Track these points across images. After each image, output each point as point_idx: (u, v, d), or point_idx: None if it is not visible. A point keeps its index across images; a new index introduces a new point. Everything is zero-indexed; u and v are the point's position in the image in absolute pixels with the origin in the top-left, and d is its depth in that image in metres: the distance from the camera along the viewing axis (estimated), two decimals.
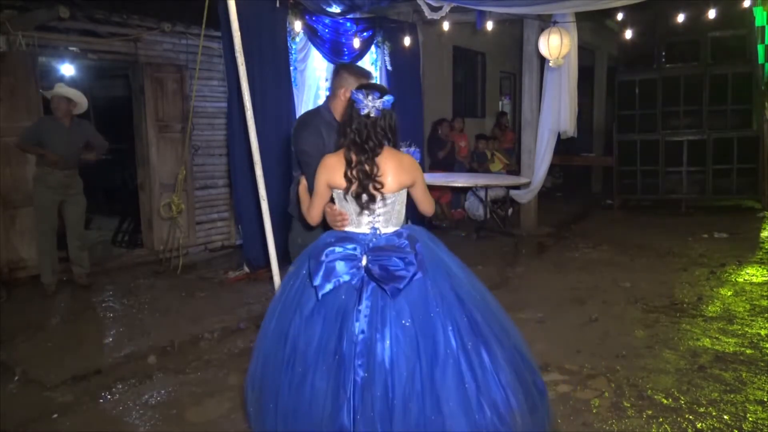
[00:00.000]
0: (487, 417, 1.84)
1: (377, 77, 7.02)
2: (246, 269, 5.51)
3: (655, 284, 5.04)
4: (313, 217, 2.27)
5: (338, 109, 2.68)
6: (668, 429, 2.77)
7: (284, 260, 2.95)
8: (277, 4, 5.45)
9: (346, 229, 2.16)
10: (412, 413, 1.80)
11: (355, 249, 2.03)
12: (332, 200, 2.24)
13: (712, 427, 2.78)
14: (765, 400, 3.00)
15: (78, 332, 4.25)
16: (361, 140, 2.08)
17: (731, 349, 3.65)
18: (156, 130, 6.02)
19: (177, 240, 5.87)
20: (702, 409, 2.93)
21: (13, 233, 5.11)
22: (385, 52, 6.93)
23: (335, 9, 6.30)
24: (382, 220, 2.14)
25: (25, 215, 5.16)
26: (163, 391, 3.30)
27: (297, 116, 5.86)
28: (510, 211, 7.91)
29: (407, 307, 1.93)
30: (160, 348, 3.88)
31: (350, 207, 2.15)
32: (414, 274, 1.94)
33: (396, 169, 2.12)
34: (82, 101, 5.04)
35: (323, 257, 1.99)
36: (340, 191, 2.14)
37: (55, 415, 3.06)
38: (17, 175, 5.13)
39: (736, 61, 8.31)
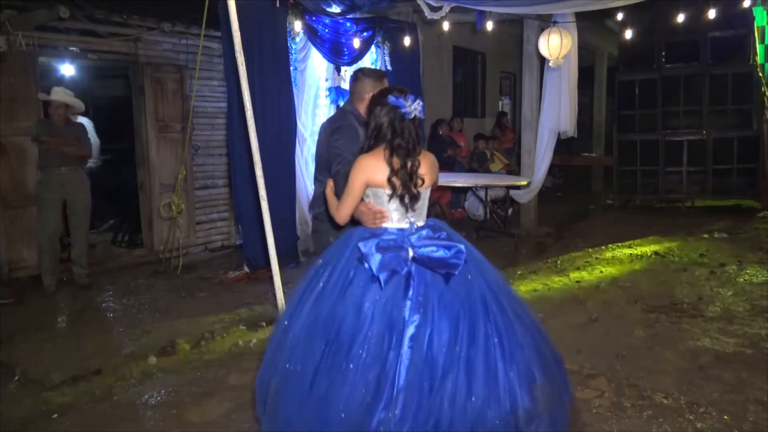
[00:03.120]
0: (512, 389, 1.96)
1: None
2: (246, 269, 5.50)
3: (655, 284, 5.04)
4: (343, 216, 2.34)
5: (365, 112, 2.80)
6: (668, 429, 2.77)
7: (284, 260, 2.97)
8: (277, 4, 5.45)
9: (384, 225, 2.23)
10: (447, 389, 1.90)
11: (400, 242, 2.13)
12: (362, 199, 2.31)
13: (712, 427, 2.78)
14: (765, 400, 3.00)
15: (78, 332, 4.25)
16: (407, 144, 2.20)
17: (731, 349, 3.65)
18: (156, 130, 6.02)
19: (177, 240, 5.87)
20: (702, 409, 2.93)
21: (13, 233, 5.10)
22: (385, 52, 6.93)
23: (335, 9, 6.30)
24: (416, 215, 2.25)
25: (25, 215, 5.16)
26: (163, 391, 3.30)
27: (297, 116, 5.87)
28: (510, 211, 7.91)
29: (451, 294, 2.04)
30: (160, 348, 3.88)
31: (390, 204, 2.23)
32: (464, 261, 2.06)
33: (428, 167, 2.29)
34: (79, 105, 5.11)
35: (374, 248, 2.05)
36: (380, 190, 2.22)
37: (55, 415, 3.06)
38: (17, 176, 5.13)
39: (736, 61, 8.31)
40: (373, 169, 2.22)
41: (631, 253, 6.17)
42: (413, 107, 2.21)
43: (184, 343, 3.97)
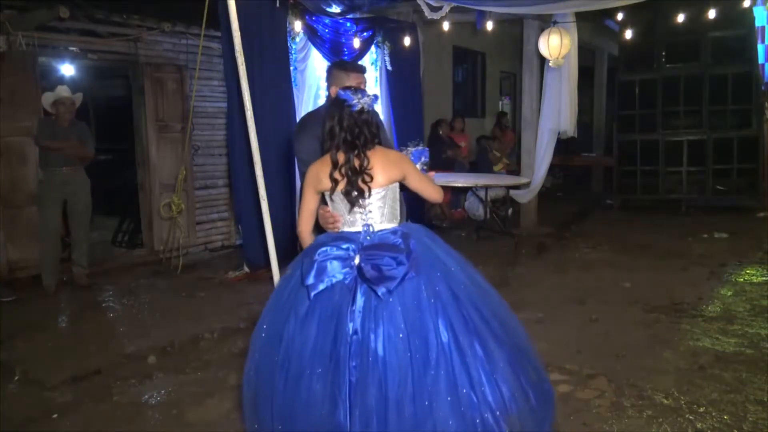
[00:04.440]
0: (481, 417, 1.82)
1: (377, 77, 7.02)
2: (246, 269, 5.51)
3: (655, 284, 5.04)
4: (302, 226, 2.27)
5: None
6: (668, 429, 2.77)
7: (284, 260, 2.96)
8: (277, 4, 5.45)
9: (341, 229, 2.16)
10: (406, 414, 1.79)
11: (348, 248, 2.02)
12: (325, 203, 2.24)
13: (712, 427, 2.78)
14: (765, 400, 3.00)
15: (78, 332, 4.25)
16: (352, 136, 2.09)
17: (731, 349, 3.65)
18: (156, 130, 6.02)
19: (177, 240, 5.87)
20: (702, 409, 2.93)
21: (13, 233, 5.10)
22: (385, 52, 6.93)
23: (335, 9, 6.30)
24: (376, 216, 2.13)
25: (25, 215, 5.16)
26: (163, 391, 3.30)
27: (297, 116, 5.86)
28: (510, 211, 7.91)
29: (399, 307, 1.91)
30: (160, 348, 3.88)
31: (341, 207, 2.15)
32: (405, 274, 1.93)
33: (383, 164, 2.14)
34: (79, 100, 5.13)
35: (316, 256, 1.99)
36: (329, 193, 2.15)
37: (55, 415, 3.06)
38: (17, 175, 5.13)
39: (736, 61, 8.31)
40: (318, 176, 2.16)
41: (630, 253, 6.17)
42: (361, 99, 2.12)
43: (184, 343, 3.97)
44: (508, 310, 2.17)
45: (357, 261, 1.98)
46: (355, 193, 2.08)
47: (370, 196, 2.10)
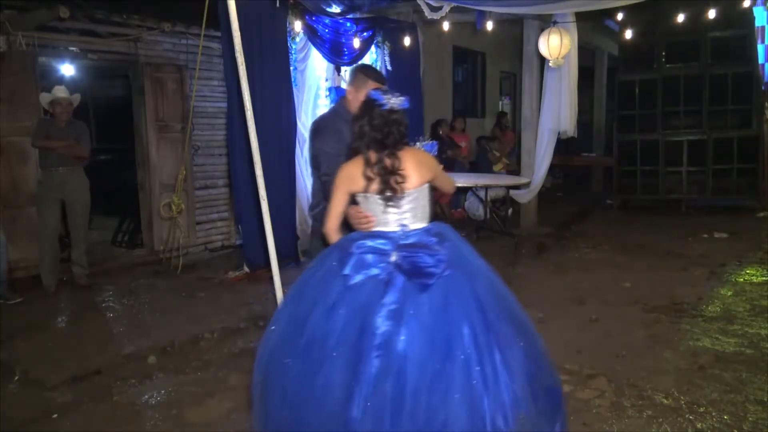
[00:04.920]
0: (492, 415, 1.83)
1: None
2: (246, 269, 5.51)
3: (655, 284, 5.04)
4: (330, 225, 2.28)
5: (352, 107, 2.75)
6: (668, 429, 2.77)
7: (284, 260, 2.97)
8: (277, 4, 5.45)
9: (374, 229, 2.18)
10: (420, 406, 1.82)
11: (385, 244, 2.07)
12: (355, 203, 2.26)
13: (712, 427, 2.78)
14: (765, 400, 3.00)
15: (78, 332, 4.25)
16: (383, 135, 2.14)
17: (731, 349, 3.65)
18: (156, 130, 6.02)
19: (177, 240, 5.87)
20: (702, 409, 2.93)
21: (13, 233, 5.10)
22: (385, 52, 6.93)
23: (335, 9, 6.30)
24: (409, 216, 2.18)
25: (25, 215, 5.16)
26: (163, 391, 3.30)
27: (297, 116, 5.87)
28: (510, 211, 7.91)
29: (428, 305, 1.95)
30: (160, 348, 3.88)
31: (375, 207, 2.18)
32: (443, 272, 1.98)
33: (416, 165, 2.18)
34: (76, 100, 5.13)
35: (354, 249, 2.03)
36: (362, 194, 2.18)
37: (55, 415, 3.06)
38: (17, 175, 5.13)
39: (736, 61, 8.31)
40: (351, 176, 2.19)
41: (630, 253, 6.17)
42: (392, 99, 2.17)
43: (184, 343, 3.97)
44: (525, 315, 2.19)
45: (394, 258, 2.02)
46: (389, 192, 2.12)
47: (403, 196, 2.15)
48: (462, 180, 7.13)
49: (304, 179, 6.10)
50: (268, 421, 2.03)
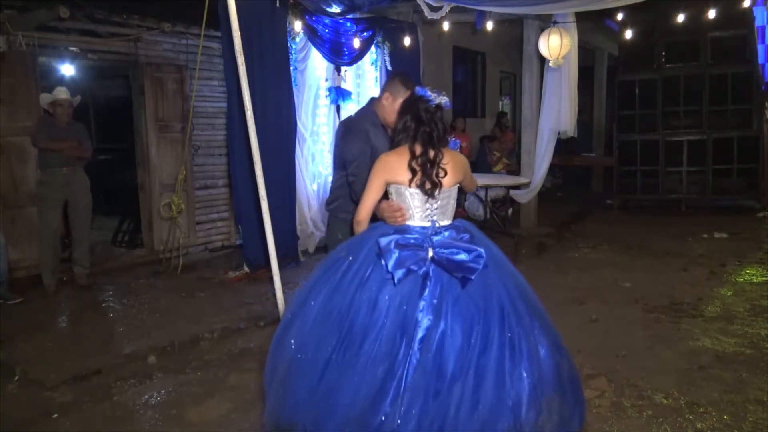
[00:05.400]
0: (526, 404, 1.92)
1: (377, 77, 7.02)
2: (246, 269, 5.51)
3: (655, 284, 5.04)
4: (362, 213, 2.34)
5: (384, 113, 2.84)
6: (668, 429, 2.77)
7: (284, 260, 2.98)
8: (277, 4, 5.45)
9: (406, 223, 2.23)
10: (454, 396, 1.88)
11: (420, 240, 2.12)
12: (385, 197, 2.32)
13: (712, 427, 2.78)
14: (765, 400, 3.00)
15: (78, 332, 4.25)
16: (430, 129, 2.22)
17: (731, 349, 3.65)
18: (156, 130, 6.02)
19: (177, 240, 5.87)
20: (702, 409, 2.93)
21: (13, 233, 5.10)
22: (385, 52, 6.93)
23: (335, 9, 6.30)
24: (439, 213, 2.25)
25: (25, 215, 5.16)
26: (163, 391, 3.30)
27: (297, 116, 5.88)
28: (510, 211, 7.91)
29: (467, 299, 2.02)
30: (160, 348, 3.88)
31: (410, 201, 2.23)
32: (483, 267, 2.04)
33: (453, 165, 2.28)
34: (76, 101, 5.13)
35: (393, 245, 2.06)
36: (401, 187, 2.23)
37: (55, 415, 3.06)
38: (17, 175, 5.13)
39: (736, 61, 8.31)
40: (392, 168, 2.25)
41: (630, 253, 6.17)
42: (438, 98, 2.27)
43: (184, 343, 3.97)
44: (544, 309, 2.27)
45: (430, 254, 2.07)
46: (430, 185, 2.19)
47: (441, 191, 2.22)
48: None
49: (304, 179, 6.10)
50: (289, 408, 2.04)
